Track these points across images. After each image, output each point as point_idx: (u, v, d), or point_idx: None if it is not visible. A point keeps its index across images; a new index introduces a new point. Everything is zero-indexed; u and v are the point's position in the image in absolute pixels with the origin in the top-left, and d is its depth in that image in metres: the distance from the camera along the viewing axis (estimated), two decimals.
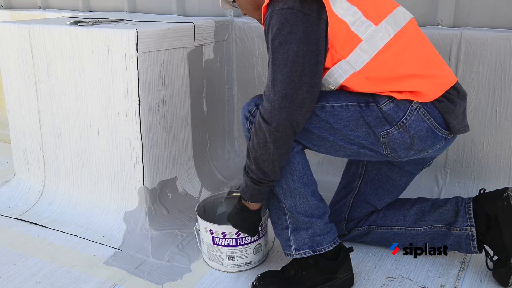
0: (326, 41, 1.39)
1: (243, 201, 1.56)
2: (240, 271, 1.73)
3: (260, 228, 1.69)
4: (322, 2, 1.36)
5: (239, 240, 1.69)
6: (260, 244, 1.74)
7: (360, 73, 1.42)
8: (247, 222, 1.61)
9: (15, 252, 1.88)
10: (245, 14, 1.65)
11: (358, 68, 1.41)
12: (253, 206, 1.56)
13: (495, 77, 2.01)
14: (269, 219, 1.75)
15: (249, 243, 1.70)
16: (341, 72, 1.43)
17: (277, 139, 1.39)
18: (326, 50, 1.40)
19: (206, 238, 1.73)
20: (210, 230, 1.70)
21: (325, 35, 1.38)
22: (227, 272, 1.73)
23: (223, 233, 1.68)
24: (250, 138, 1.45)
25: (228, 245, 1.69)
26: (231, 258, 1.71)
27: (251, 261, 1.73)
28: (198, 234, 1.79)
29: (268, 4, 1.41)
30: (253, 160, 1.44)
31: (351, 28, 1.39)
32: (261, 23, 1.61)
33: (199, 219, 1.74)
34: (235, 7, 1.66)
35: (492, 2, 2.03)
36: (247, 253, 1.71)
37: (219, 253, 1.71)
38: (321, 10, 1.36)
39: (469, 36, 2.01)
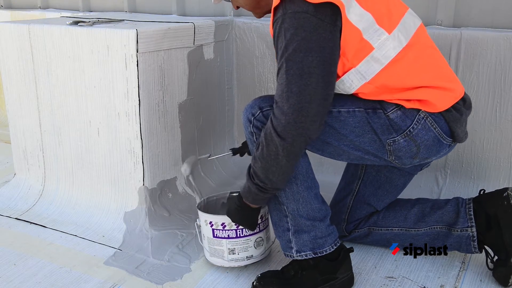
0: (339, 49, 1.35)
1: (243, 199, 1.55)
2: (242, 266, 1.72)
3: (260, 220, 1.69)
4: (338, 8, 1.31)
5: (239, 231, 1.68)
6: (261, 237, 1.73)
7: (370, 83, 1.40)
8: (246, 219, 1.61)
9: (15, 252, 1.88)
10: (237, 8, 1.58)
11: (368, 78, 1.39)
12: (254, 205, 1.56)
13: (495, 77, 2.01)
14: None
15: (249, 235, 1.69)
16: (351, 82, 1.40)
17: (290, 153, 1.35)
18: (338, 58, 1.36)
19: (207, 232, 1.72)
20: (210, 222, 1.70)
21: (339, 43, 1.34)
22: (229, 267, 1.73)
23: (222, 224, 1.68)
24: (258, 147, 1.40)
25: (228, 237, 1.69)
26: (232, 251, 1.70)
27: (252, 255, 1.72)
28: (199, 230, 1.79)
29: (277, 6, 1.35)
30: (262, 169, 1.40)
31: (363, 36, 1.35)
32: (257, 17, 1.57)
33: (199, 212, 1.74)
34: (228, 0, 1.60)
35: (492, 2, 2.03)
36: (247, 246, 1.70)
37: (220, 246, 1.70)
38: (335, 16, 1.31)
39: (469, 36, 2.01)
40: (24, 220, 2.11)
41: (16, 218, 2.13)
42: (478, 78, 2.04)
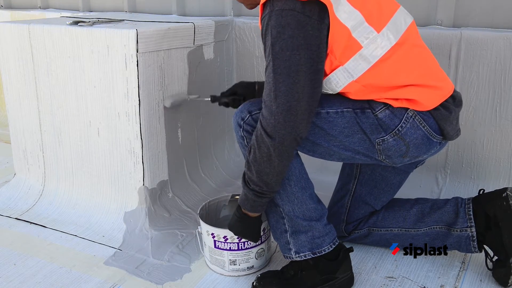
0: (326, 46, 1.35)
1: (243, 209, 1.54)
2: (242, 276, 1.72)
3: (262, 232, 1.68)
4: (325, 6, 1.31)
5: (241, 244, 1.68)
6: (262, 248, 1.73)
7: (357, 81, 1.39)
8: (248, 229, 1.59)
9: (15, 252, 1.88)
10: None
11: (356, 76, 1.38)
12: (253, 213, 1.55)
13: (495, 77, 2.01)
14: None
15: (251, 247, 1.69)
16: (338, 80, 1.40)
17: (282, 153, 1.36)
18: (325, 56, 1.36)
19: (208, 241, 1.72)
20: (212, 234, 1.69)
21: (326, 40, 1.34)
22: (229, 276, 1.72)
23: (224, 237, 1.67)
24: (250, 151, 1.41)
25: (230, 249, 1.68)
26: (233, 262, 1.70)
27: (253, 266, 1.72)
28: (200, 237, 1.79)
29: (266, 3, 1.35)
30: (256, 173, 1.40)
31: (352, 34, 1.34)
32: (248, 8, 1.58)
33: (201, 222, 1.73)
34: None
35: (492, 2, 2.03)
36: (249, 257, 1.70)
37: (221, 257, 1.70)
38: (323, 13, 1.31)
39: (469, 36, 2.01)
40: (24, 220, 2.11)
41: (16, 218, 2.13)
42: (478, 78, 2.04)
